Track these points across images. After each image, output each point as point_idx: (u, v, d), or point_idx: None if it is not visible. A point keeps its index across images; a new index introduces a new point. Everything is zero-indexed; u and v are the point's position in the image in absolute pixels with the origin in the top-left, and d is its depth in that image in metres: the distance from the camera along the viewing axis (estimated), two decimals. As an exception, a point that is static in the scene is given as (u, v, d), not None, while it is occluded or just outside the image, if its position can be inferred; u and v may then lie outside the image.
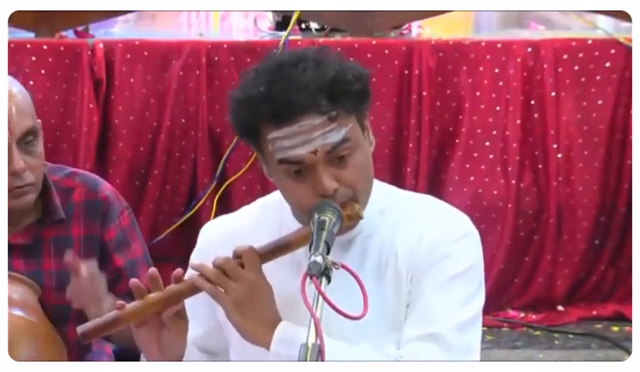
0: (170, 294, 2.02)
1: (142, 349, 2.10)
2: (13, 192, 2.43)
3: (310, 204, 1.98)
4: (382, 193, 2.12)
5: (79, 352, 2.56)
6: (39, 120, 2.53)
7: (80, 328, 2.05)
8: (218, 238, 2.18)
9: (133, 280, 2.04)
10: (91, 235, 2.57)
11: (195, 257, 2.19)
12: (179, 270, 2.04)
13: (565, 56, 4.78)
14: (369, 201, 2.06)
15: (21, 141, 2.43)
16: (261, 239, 2.04)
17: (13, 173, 2.41)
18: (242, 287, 1.97)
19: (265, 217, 2.17)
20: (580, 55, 4.79)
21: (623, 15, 4.62)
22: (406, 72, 4.78)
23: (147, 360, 2.11)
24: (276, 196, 2.16)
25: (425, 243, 2.06)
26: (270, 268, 2.02)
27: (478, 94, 4.81)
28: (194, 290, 2.01)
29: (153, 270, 2.04)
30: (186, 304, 2.06)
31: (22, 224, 2.54)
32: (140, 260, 2.64)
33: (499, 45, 4.82)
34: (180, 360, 2.09)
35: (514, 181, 4.79)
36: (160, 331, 2.05)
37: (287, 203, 2.09)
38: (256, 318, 1.98)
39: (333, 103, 1.96)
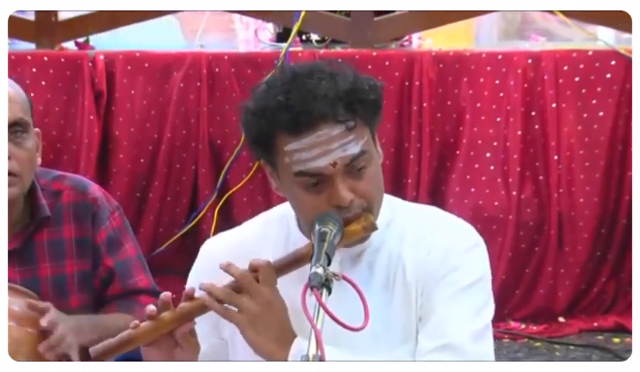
0: (183, 312, 1.99)
1: None
2: None
3: None
4: (387, 205, 2.11)
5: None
6: (38, 129, 2.54)
7: (92, 350, 2.03)
8: (222, 253, 2.12)
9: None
10: (83, 238, 2.58)
11: (197, 275, 2.15)
12: (191, 288, 2.01)
13: (565, 68, 4.78)
14: None
15: (7, 130, 2.45)
16: (266, 253, 2.03)
17: None
18: (258, 303, 1.94)
19: (269, 231, 2.15)
20: (581, 66, 4.79)
21: (623, 25, 4.63)
22: (406, 83, 4.77)
23: None
24: (279, 210, 2.16)
25: (435, 255, 2.05)
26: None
27: (479, 105, 4.80)
28: (206, 307, 1.97)
29: (166, 295, 2.01)
30: None
31: (12, 231, 2.54)
32: (133, 261, 2.63)
33: (499, 56, 4.82)
34: None
35: (514, 193, 4.78)
36: (171, 350, 2.02)
37: (291, 217, 2.09)
38: (271, 334, 1.95)
39: (351, 113, 1.96)
